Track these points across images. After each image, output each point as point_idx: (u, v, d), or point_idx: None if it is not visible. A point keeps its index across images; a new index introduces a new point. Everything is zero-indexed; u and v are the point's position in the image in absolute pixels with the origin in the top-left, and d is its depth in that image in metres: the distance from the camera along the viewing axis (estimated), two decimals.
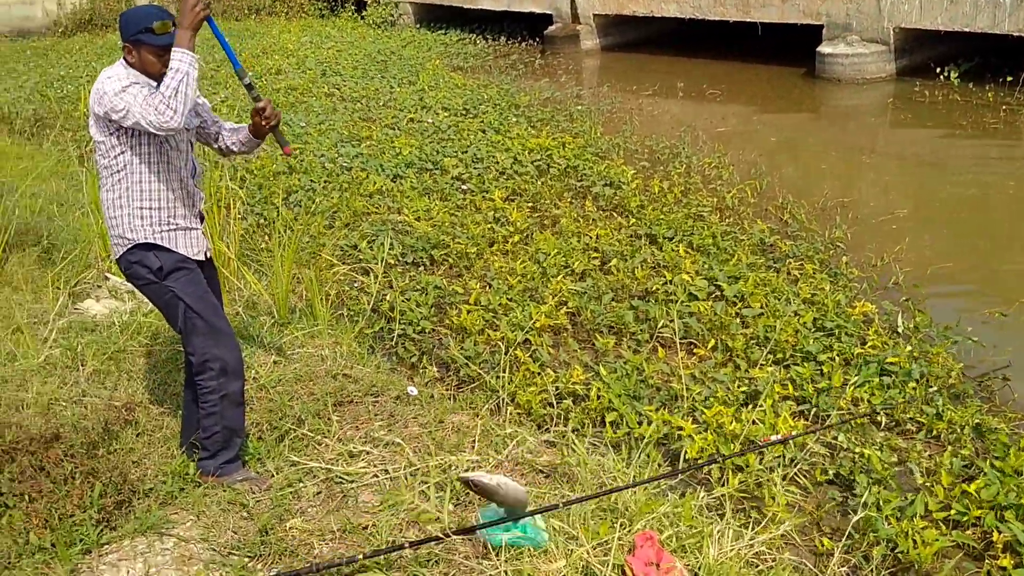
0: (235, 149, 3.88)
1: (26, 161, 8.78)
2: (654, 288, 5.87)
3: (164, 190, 3.64)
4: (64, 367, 4.87)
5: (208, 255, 3.93)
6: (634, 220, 7.22)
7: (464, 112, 11.35)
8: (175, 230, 3.69)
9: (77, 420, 4.30)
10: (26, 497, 3.66)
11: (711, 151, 9.46)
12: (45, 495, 3.69)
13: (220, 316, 3.84)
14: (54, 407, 4.42)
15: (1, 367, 4.80)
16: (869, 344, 5.04)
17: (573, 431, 4.33)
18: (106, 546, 3.58)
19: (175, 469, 4.01)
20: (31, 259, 6.23)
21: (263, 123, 3.69)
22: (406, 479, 4.03)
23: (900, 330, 5.34)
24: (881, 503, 3.81)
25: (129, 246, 3.67)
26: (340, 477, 4.07)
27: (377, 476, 4.09)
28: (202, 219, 3.88)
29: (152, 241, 3.63)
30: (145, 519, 3.67)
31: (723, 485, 3.98)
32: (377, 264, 6.43)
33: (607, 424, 4.48)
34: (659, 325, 5.38)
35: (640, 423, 4.44)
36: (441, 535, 3.56)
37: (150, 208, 3.63)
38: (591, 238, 6.81)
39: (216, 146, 3.93)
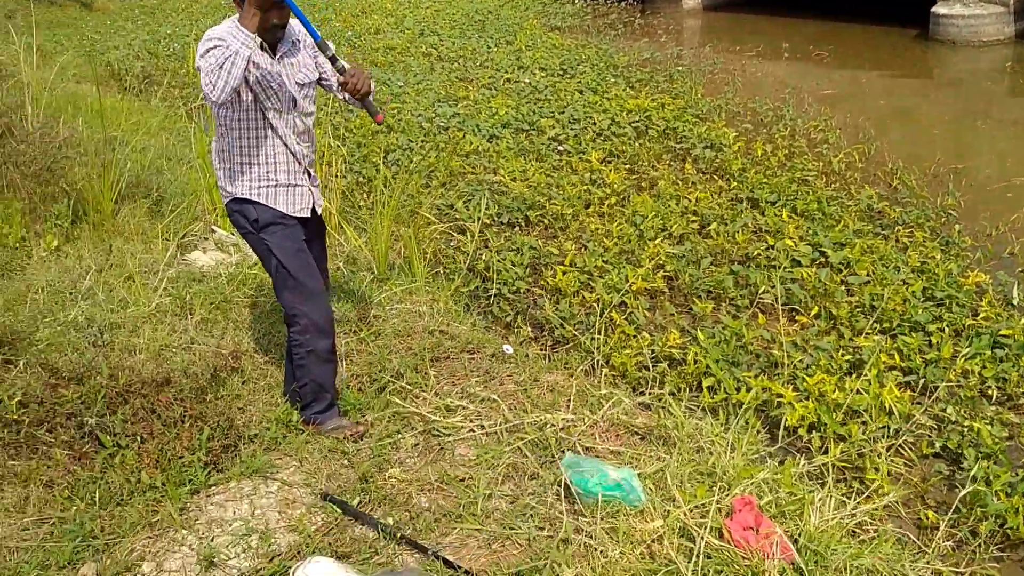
0: (350, 105, 3.93)
1: (136, 116, 9.03)
2: (755, 253, 5.74)
3: (263, 148, 3.68)
4: (173, 315, 5.04)
5: (317, 211, 3.97)
6: (735, 183, 7.06)
7: (561, 72, 11.25)
8: (274, 186, 3.73)
9: (186, 366, 4.45)
10: (138, 438, 3.82)
11: (817, 114, 9.18)
12: (156, 436, 3.84)
13: (311, 275, 3.85)
14: (164, 353, 4.59)
15: (114, 313, 4.99)
16: (982, 315, 4.85)
17: (670, 394, 4.28)
18: (213, 487, 3.71)
19: (278, 416, 4.12)
20: (141, 211, 6.44)
21: (351, 94, 3.62)
22: (501, 435, 4.07)
23: (1015, 302, 5.12)
24: (991, 478, 3.68)
25: (229, 198, 3.78)
26: (437, 430, 4.13)
27: (473, 431, 4.13)
28: (311, 176, 3.89)
29: (248, 197, 3.71)
30: (250, 463, 3.79)
31: (824, 454, 3.89)
32: (473, 223, 6.45)
33: (704, 389, 4.43)
34: (760, 291, 5.27)
35: (738, 389, 4.37)
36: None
37: (248, 164, 3.70)
38: (690, 201, 6.70)
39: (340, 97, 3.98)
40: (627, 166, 7.75)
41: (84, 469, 3.67)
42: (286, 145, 3.72)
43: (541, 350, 5.10)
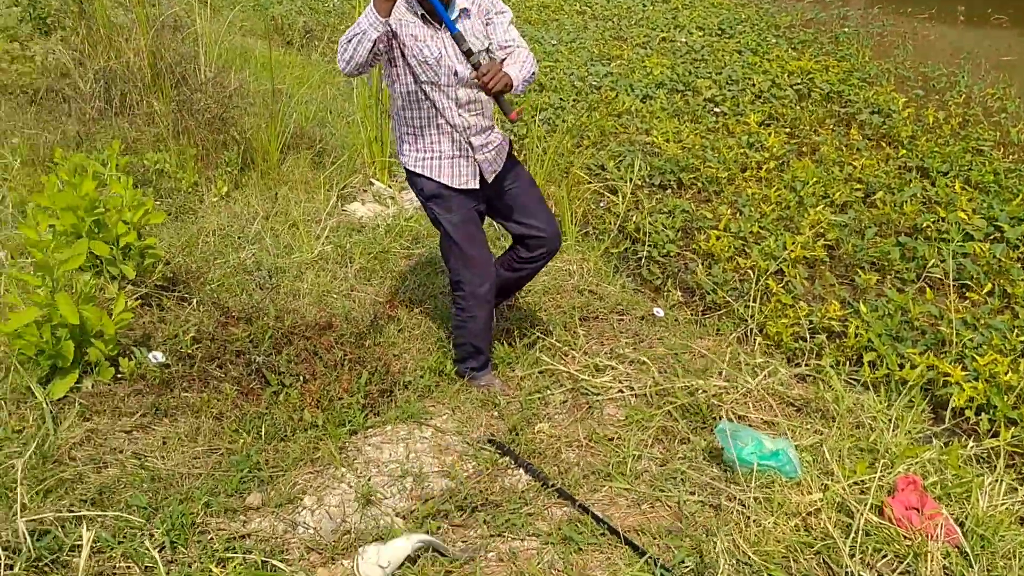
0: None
1: (298, 70, 9.32)
2: (924, 225, 5.46)
3: (424, 120, 3.67)
4: (334, 263, 5.21)
5: (487, 180, 3.82)
6: (904, 151, 6.72)
7: (719, 32, 10.94)
8: (437, 158, 3.72)
9: (347, 312, 4.60)
10: (301, 378, 3.98)
11: (994, 81, 8.61)
12: (318, 377, 3.99)
13: (477, 245, 3.84)
14: (326, 298, 4.75)
15: (280, 258, 5.20)
16: None
17: (829, 367, 4.14)
18: (370, 429, 3.83)
19: (432, 365, 4.21)
20: (305, 161, 6.66)
21: (484, 91, 3.43)
22: (651, 398, 4.04)
23: None
24: None
25: (403, 166, 3.87)
26: (586, 389, 4.14)
27: (622, 392, 4.12)
28: (474, 147, 3.72)
29: (413, 169, 3.76)
30: (406, 408, 3.90)
31: (994, 437, 3.69)
32: (624, 184, 6.38)
33: (864, 364, 4.26)
34: (928, 264, 5.02)
35: (902, 366, 4.18)
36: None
37: (412, 134, 3.73)
38: (854, 168, 6.42)
39: None
40: (787, 130, 7.49)
41: (251, 405, 3.85)
42: (446, 118, 3.64)
43: (692, 315, 5.02)
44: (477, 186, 3.77)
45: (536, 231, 3.96)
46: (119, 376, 3.85)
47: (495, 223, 4.19)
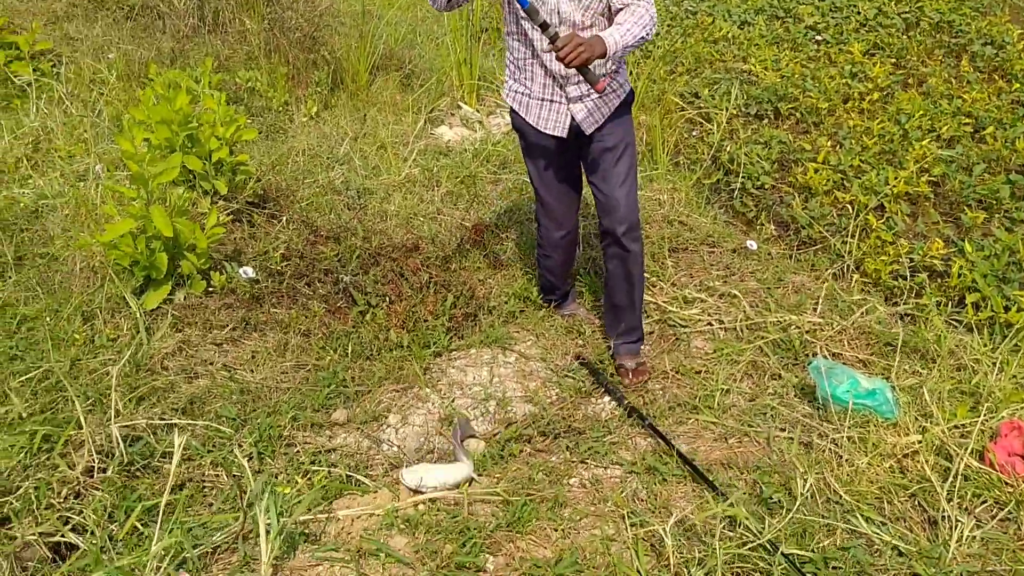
0: None
1: None
2: None
3: (524, 56, 3.45)
4: (422, 185, 5.17)
5: (584, 132, 3.47)
6: (1017, 85, 6.32)
7: None
8: (527, 97, 3.51)
9: (433, 235, 4.58)
10: (387, 298, 3.98)
11: None
12: (404, 299, 3.98)
13: (553, 192, 3.67)
14: (413, 220, 4.73)
15: (368, 179, 5.19)
16: None
17: (932, 306, 3.97)
18: (454, 352, 3.83)
19: (517, 291, 4.17)
20: (393, 83, 6.61)
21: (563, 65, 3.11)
22: (741, 332, 3.94)
23: None
24: None
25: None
26: (673, 320, 4.05)
27: (711, 325, 4.02)
28: (569, 98, 3.42)
29: (506, 100, 3.65)
30: (490, 333, 3.87)
31: None
32: (719, 113, 6.17)
33: (967, 305, 4.07)
34: None
35: (1008, 308, 3.98)
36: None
37: (513, 66, 3.54)
38: (964, 101, 6.08)
39: None
40: (892, 60, 7.12)
41: (338, 323, 3.87)
42: (542, 60, 3.38)
43: (786, 249, 4.86)
44: (564, 135, 3.46)
45: (603, 196, 3.53)
46: (210, 289, 3.90)
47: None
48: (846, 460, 3.08)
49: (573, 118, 3.43)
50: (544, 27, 3.06)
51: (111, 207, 3.75)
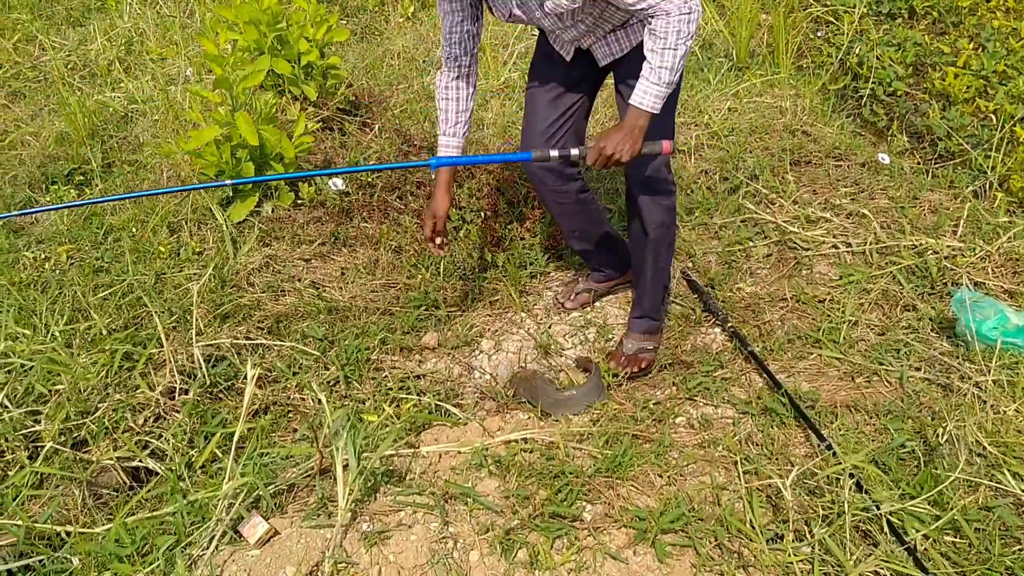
0: None
1: None
2: None
3: None
4: (520, 91, 4.85)
5: (602, 62, 2.82)
6: None
7: None
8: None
9: None
10: (483, 214, 3.73)
11: None
12: (500, 215, 3.73)
13: (532, 114, 2.96)
14: (511, 129, 4.43)
15: None
16: None
17: None
18: (552, 274, 3.57)
19: (622, 207, 3.86)
20: None
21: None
22: (871, 256, 3.56)
23: None
24: None
25: None
26: (794, 242, 3.69)
27: (837, 247, 3.65)
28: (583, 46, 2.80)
29: None
30: None
31: None
32: (847, 11, 5.60)
33: None
34: None
35: None
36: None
37: None
38: None
39: None
40: None
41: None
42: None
43: (921, 164, 4.40)
44: (567, 58, 2.85)
45: None
46: (299, 202, 3.72)
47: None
48: (991, 406, 2.72)
49: (591, 49, 2.80)
50: (564, 158, 2.68)
51: (196, 113, 3.58)
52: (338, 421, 2.26)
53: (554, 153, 2.64)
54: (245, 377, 2.92)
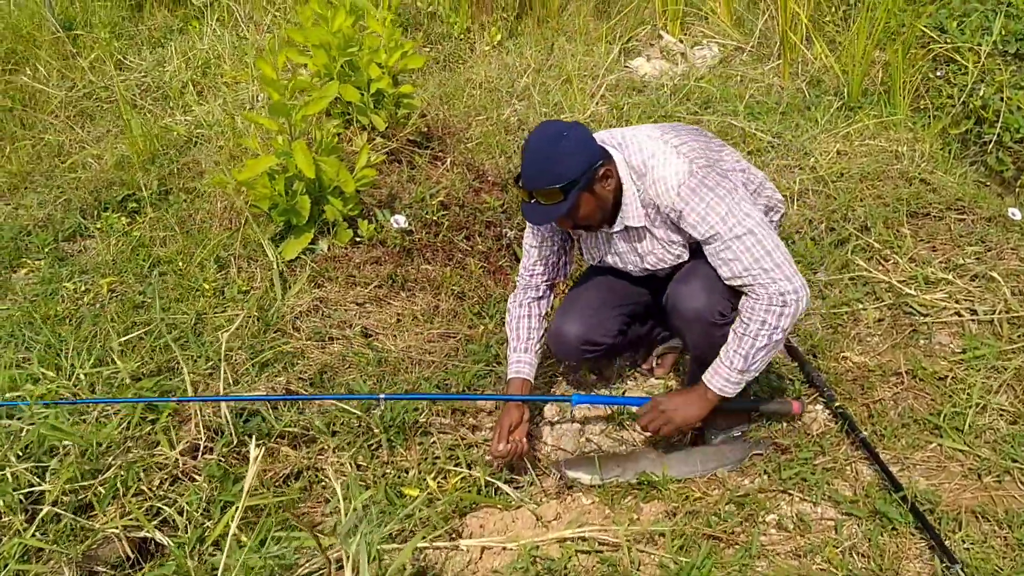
0: None
1: None
2: None
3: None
4: (607, 126, 4.50)
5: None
6: None
7: None
8: None
9: None
10: None
11: None
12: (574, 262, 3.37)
13: (582, 290, 2.81)
14: None
15: (548, 117, 4.56)
16: None
17: None
18: None
19: None
20: (587, 9, 5.91)
21: None
22: (1000, 327, 3.07)
23: None
24: None
25: None
26: (911, 307, 3.23)
27: (961, 315, 3.17)
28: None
29: None
30: None
31: None
32: (971, 51, 5.09)
33: None
34: None
35: None
36: None
37: None
38: None
39: None
40: None
41: (497, 285, 3.32)
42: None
43: None
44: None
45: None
46: (357, 239, 3.43)
47: None
48: None
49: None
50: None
51: (255, 140, 3.32)
52: (351, 519, 1.91)
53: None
54: (279, 436, 2.62)
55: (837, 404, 2.72)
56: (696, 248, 2.42)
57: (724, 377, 2.32)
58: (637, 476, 2.51)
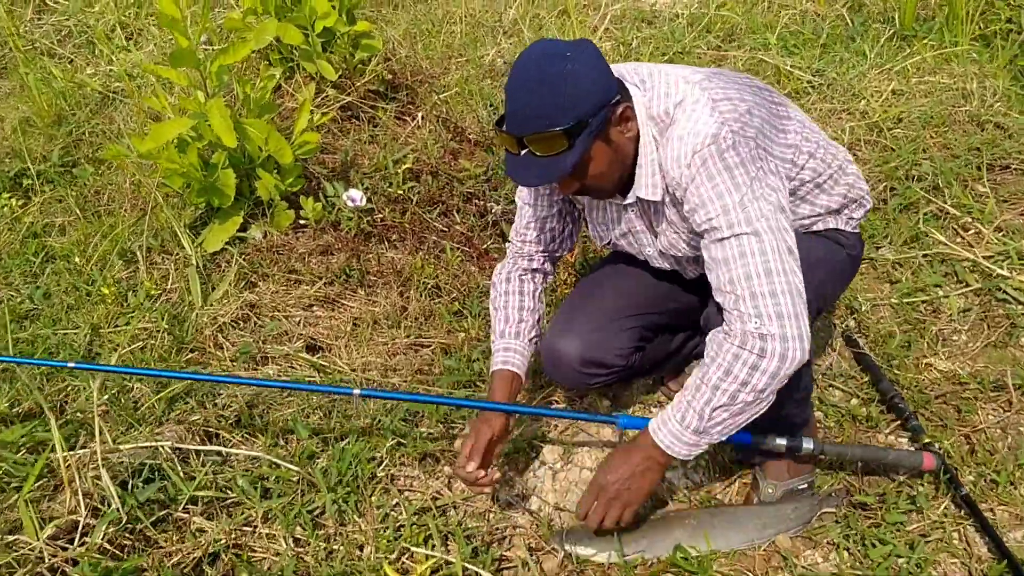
0: None
1: None
2: None
3: None
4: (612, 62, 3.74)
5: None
6: None
7: None
8: None
9: None
10: None
11: None
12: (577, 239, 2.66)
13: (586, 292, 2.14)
14: None
15: None
16: None
17: None
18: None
19: None
20: None
21: None
22: None
23: None
24: None
25: None
26: (1004, 291, 2.54)
27: None
28: None
29: None
30: None
31: None
32: None
33: None
34: None
35: None
36: None
37: None
38: None
39: None
40: None
41: (482, 274, 2.63)
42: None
43: None
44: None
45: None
46: (301, 223, 2.72)
47: None
48: None
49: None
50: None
51: (162, 99, 2.59)
52: None
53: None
54: (191, 500, 1.95)
55: (927, 440, 2.04)
56: None
57: (672, 433, 1.65)
58: (669, 551, 1.85)
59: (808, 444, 1.91)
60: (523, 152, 1.58)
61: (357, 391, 1.88)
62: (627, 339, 2.05)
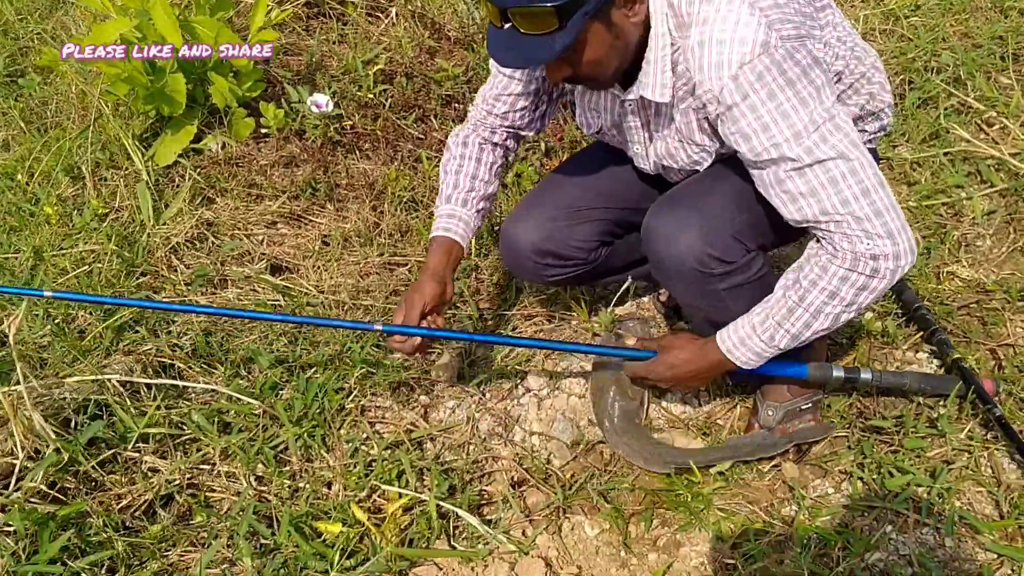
0: None
1: None
2: None
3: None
4: None
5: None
6: None
7: None
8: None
9: None
10: (544, 145, 2.46)
11: None
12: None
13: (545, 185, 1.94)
14: None
15: None
16: None
17: None
18: None
19: None
20: None
21: None
22: None
23: None
24: None
25: None
26: None
27: None
28: None
29: None
30: None
31: None
32: None
33: None
34: None
35: None
36: None
37: None
38: None
39: None
40: None
41: None
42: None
43: None
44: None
45: None
46: (262, 132, 2.49)
47: None
48: None
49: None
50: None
51: None
52: None
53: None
54: (142, 439, 1.78)
55: (956, 356, 1.84)
56: (729, 157, 1.51)
57: (751, 349, 1.51)
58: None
59: (866, 375, 1.74)
60: (506, 26, 1.34)
61: (379, 326, 1.68)
62: (589, 231, 1.85)
